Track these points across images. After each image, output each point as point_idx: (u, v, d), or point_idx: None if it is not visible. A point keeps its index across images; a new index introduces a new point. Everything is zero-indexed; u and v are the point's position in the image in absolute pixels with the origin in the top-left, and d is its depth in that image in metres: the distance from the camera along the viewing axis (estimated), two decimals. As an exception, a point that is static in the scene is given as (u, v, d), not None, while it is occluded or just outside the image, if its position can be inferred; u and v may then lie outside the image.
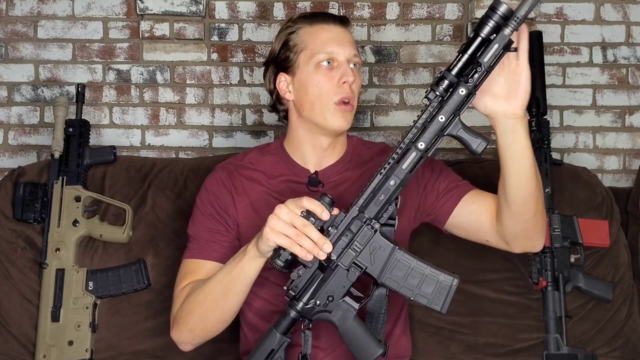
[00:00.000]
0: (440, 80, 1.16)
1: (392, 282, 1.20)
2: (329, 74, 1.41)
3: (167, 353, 1.72)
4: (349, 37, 1.45)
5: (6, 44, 2.20)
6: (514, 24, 1.13)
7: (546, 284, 1.74)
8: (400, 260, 1.20)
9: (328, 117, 1.41)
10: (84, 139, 1.84)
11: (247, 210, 1.44)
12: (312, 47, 1.42)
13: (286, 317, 1.22)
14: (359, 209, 1.20)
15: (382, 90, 2.23)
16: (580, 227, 1.78)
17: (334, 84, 1.40)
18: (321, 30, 1.43)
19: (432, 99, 1.18)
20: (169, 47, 2.21)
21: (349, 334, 1.21)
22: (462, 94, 1.16)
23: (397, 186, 1.19)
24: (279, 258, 1.18)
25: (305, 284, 1.21)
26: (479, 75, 1.16)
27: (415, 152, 1.18)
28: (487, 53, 1.14)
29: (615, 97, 2.24)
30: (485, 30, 1.14)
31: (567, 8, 2.23)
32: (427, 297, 1.20)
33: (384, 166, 1.20)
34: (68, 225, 1.75)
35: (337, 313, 1.21)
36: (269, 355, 1.22)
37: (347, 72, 1.40)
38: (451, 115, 1.17)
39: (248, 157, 1.53)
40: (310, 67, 1.42)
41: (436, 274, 1.20)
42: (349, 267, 1.20)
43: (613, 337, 1.79)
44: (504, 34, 1.13)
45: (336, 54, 1.41)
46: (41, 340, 1.70)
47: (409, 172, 1.19)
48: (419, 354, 1.71)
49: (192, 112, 2.22)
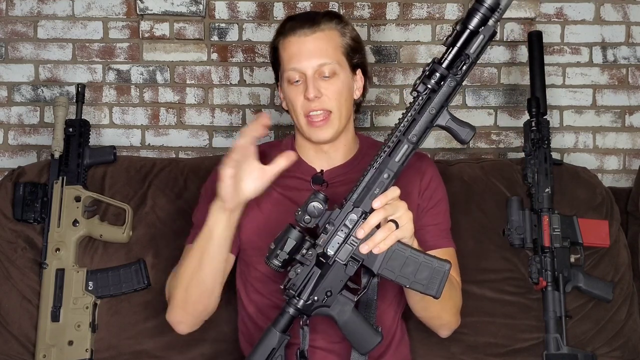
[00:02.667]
0: (432, 74, 1.19)
1: (389, 273, 1.22)
2: (297, 90, 1.42)
3: (167, 353, 1.72)
4: (318, 44, 1.41)
5: (6, 44, 2.20)
6: (497, 15, 1.17)
7: (546, 284, 1.74)
8: (396, 250, 1.21)
9: (305, 131, 1.44)
10: (84, 139, 1.85)
11: (249, 202, 1.45)
12: (283, 63, 1.44)
13: (284, 315, 1.23)
14: (353, 203, 1.21)
15: (382, 90, 2.23)
16: (580, 227, 1.78)
17: (302, 99, 1.41)
18: (288, 43, 1.43)
19: (421, 91, 1.19)
20: (169, 47, 2.21)
21: (348, 326, 1.23)
22: (452, 86, 1.19)
23: (391, 179, 1.21)
24: (276, 258, 1.19)
25: (303, 282, 1.22)
26: (467, 66, 1.18)
27: (407, 144, 1.20)
28: (474, 44, 1.17)
29: (615, 97, 2.24)
30: (473, 22, 1.17)
31: (567, 8, 2.23)
32: (422, 284, 1.22)
33: (377, 160, 1.22)
34: (68, 225, 1.75)
35: (335, 307, 1.23)
36: (270, 354, 1.23)
37: (308, 88, 1.39)
38: (441, 107, 1.20)
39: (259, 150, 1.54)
40: (284, 83, 1.45)
41: (430, 261, 1.23)
42: (347, 261, 1.21)
43: (613, 337, 1.79)
44: (488, 25, 1.17)
45: (302, 69, 1.41)
46: (41, 340, 1.70)
47: (401, 165, 1.21)
48: (419, 354, 1.71)
49: (192, 112, 2.22)
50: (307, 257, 1.21)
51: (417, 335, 1.70)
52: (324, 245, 1.21)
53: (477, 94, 2.22)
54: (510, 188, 1.85)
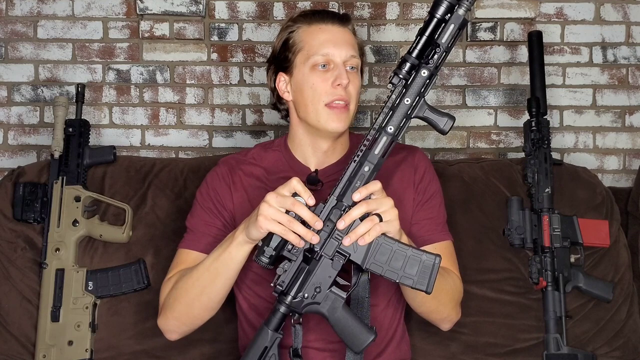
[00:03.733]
0: (402, 64, 1.20)
1: (377, 267, 1.21)
2: (324, 76, 1.40)
3: (167, 353, 1.72)
4: (348, 36, 1.44)
5: (6, 44, 2.20)
6: (466, 4, 1.17)
7: (546, 284, 1.74)
8: (382, 244, 1.21)
9: (321, 120, 1.41)
10: (83, 139, 1.84)
11: (244, 205, 1.45)
12: (309, 48, 1.42)
13: (276, 313, 1.23)
14: (336, 198, 1.22)
15: (382, 90, 2.23)
16: (580, 227, 1.78)
17: (328, 86, 1.40)
18: (318, 30, 1.42)
19: (396, 83, 1.20)
20: (168, 47, 2.21)
21: (339, 323, 1.22)
22: (425, 75, 1.20)
23: (372, 171, 1.21)
24: (263, 255, 1.20)
25: (291, 278, 1.22)
26: (438, 55, 1.19)
27: (385, 136, 1.21)
28: (444, 33, 1.18)
29: (615, 97, 2.24)
30: (439, 10, 1.18)
31: (567, 8, 2.23)
32: (412, 279, 1.21)
33: (357, 153, 1.23)
34: (68, 225, 1.75)
35: (325, 304, 1.23)
36: (263, 353, 1.23)
37: (342, 75, 1.39)
38: (416, 97, 1.20)
39: (251, 152, 1.55)
40: (306, 68, 1.42)
41: (418, 254, 1.22)
42: (333, 256, 1.22)
43: (613, 337, 1.79)
44: (458, 14, 1.18)
45: (332, 56, 1.40)
46: (41, 340, 1.70)
47: (381, 157, 1.22)
48: (419, 354, 1.71)
49: (192, 112, 2.22)
50: (293, 253, 1.21)
51: (417, 334, 1.70)
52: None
53: (477, 94, 2.22)
54: (510, 188, 1.85)
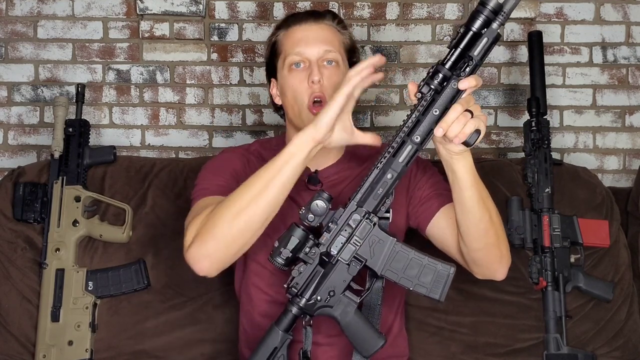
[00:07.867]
0: (435, 74, 1.18)
1: (392, 274, 1.22)
2: (300, 76, 1.41)
3: (167, 353, 1.72)
4: (323, 32, 1.43)
5: (6, 44, 2.20)
6: (501, 18, 1.16)
7: (546, 284, 1.74)
8: (399, 252, 1.22)
9: (306, 122, 1.38)
10: (83, 139, 1.85)
11: None
12: (285, 49, 1.43)
13: (287, 314, 1.23)
14: (357, 203, 1.21)
15: (382, 90, 2.23)
16: (580, 227, 1.78)
17: (305, 84, 1.40)
18: (293, 31, 1.44)
19: (425, 93, 1.19)
20: (168, 47, 2.21)
21: (350, 327, 1.23)
22: (455, 88, 1.18)
23: (395, 179, 1.21)
24: (279, 255, 1.19)
25: (306, 281, 1.22)
26: (470, 68, 1.17)
27: (410, 145, 1.20)
28: (477, 47, 1.17)
29: (615, 97, 2.24)
30: (476, 24, 1.16)
31: (567, 8, 2.23)
32: (426, 287, 1.22)
33: (381, 160, 1.22)
34: (68, 225, 1.75)
35: (338, 307, 1.23)
36: (272, 353, 1.23)
37: (314, 71, 1.39)
38: (444, 108, 1.19)
39: (254, 147, 1.55)
40: (285, 70, 1.43)
41: (434, 264, 1.22)
42: (350, 261, 1.21)
43: (613, 337, 1.79)
44: (492, 28, 1.16)
45: (305, 54, 1.41)
46: (41, 340, 1.70)
47: (405, 165, 1.21)
48: (419, 354, 1.71)
49: (192, 112, 2.22)
50: (310, 256, 1.21)
51: (417, 334, 1.70)
52: (327, 244, 1.21)
53: (477, 94, 2.22)
54: (510, 188, 1.85)
